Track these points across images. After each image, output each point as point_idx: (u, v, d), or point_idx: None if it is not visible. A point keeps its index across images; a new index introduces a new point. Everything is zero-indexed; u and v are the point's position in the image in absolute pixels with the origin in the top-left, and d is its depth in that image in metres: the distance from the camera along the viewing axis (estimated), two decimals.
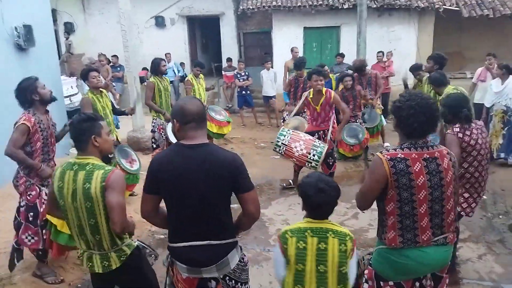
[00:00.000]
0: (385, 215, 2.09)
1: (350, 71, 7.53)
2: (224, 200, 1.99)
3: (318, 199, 1.88)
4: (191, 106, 1.96)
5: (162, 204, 2.06)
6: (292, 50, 9.09)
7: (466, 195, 3.15)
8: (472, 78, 7.41)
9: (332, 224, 1.93)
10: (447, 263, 2.17)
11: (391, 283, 2.15)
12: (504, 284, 3.36)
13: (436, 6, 9.97)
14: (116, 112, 5.21)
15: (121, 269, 2.27)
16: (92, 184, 2.10)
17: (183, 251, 1.99)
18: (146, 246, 2.55)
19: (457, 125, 3.04)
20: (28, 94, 3.22)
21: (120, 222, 2.09)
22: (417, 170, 1.98)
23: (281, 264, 1.92)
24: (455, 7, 10.30)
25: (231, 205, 2.05)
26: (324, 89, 5.10)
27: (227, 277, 2.01)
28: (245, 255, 2.15)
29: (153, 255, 2.58)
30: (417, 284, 2.15)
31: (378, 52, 8.97)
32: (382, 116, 7.13)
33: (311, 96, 5.18)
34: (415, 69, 6.48)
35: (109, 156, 4.40)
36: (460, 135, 2.99)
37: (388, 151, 2.06)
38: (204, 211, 1.94)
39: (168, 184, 1.94)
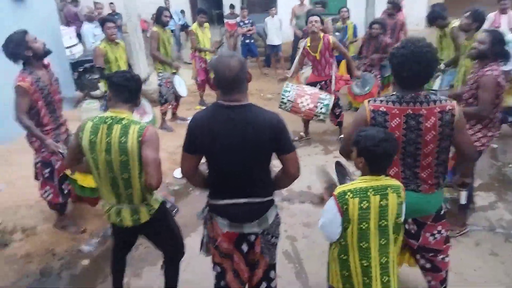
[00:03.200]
0: None
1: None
2: (265, 160, 1.99)
3: (383, 149, 1.83)
4: (224, 69, 1.86)
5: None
6: None
7: (490, 133, 3.14)
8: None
9: (387, 179, 1.93)
10: (425, 210, 2.19)
11: None
12: None
13: None
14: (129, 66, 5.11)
15: (149, 223, 2.34)
16: (129, 138, 2.12)
17: (224, 208, 2.02)
18: (167, 200, 2.63)
19: (494, 67, 2.89)
20: (21, 50, 2.96)
21: (156, 177, 2.14)
22: (393, 125, 2.02)
23: (338, 225, 1.89)
24: None
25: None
26: (321, 34, 4.94)
27: (265, 232, 2.07)
28: (279, 211, 2.19)
29: (174, 209, 2.68)
30: None
31: None
32: None
33: (308, 44, 5.03)
34: (433, 19, 5.17)
35: None
36: (500, 80, 2.85)
37: (375, 102, 2.06)
38: (245, 171, 1.94)
39: (208, 145, 1.92)
